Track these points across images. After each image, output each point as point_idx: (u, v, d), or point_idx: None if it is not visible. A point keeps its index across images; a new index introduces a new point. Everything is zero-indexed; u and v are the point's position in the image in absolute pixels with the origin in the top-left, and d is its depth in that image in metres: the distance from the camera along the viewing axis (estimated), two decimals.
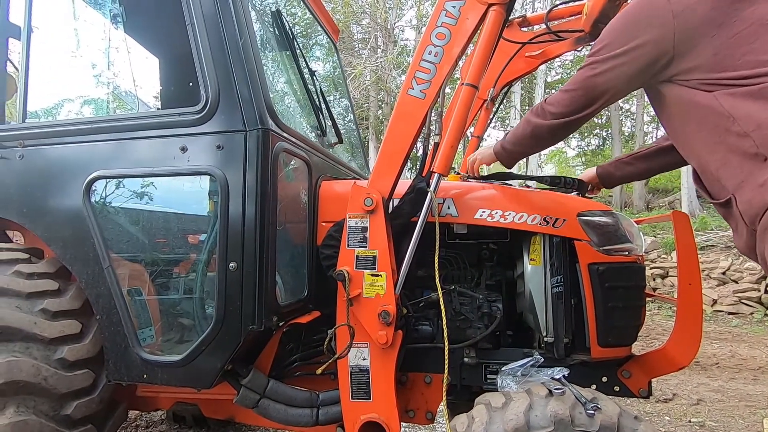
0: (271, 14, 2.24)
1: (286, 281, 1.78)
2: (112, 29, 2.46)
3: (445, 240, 1.87)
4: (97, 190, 1.79)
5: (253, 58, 1.63)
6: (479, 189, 1.77)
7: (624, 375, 1.73)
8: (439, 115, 1.62)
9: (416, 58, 1.57)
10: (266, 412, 1.73)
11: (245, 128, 1.58)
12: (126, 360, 1.71)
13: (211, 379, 1.64)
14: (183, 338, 1.83)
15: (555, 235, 1.65)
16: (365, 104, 14.27)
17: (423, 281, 1.89)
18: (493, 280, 1.88)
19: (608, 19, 2.08)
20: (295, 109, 2.38)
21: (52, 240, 1.78)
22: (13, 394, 1.52)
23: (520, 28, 2.54)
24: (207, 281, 1.76)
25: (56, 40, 2.29)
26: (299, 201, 1.85)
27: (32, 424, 1.52)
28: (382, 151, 1.64)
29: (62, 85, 2.35)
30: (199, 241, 1.86)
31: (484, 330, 1.73)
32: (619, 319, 1.60)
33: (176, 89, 2.90)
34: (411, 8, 14.48)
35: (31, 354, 1.57)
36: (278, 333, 1.80)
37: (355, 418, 1.64)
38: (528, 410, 1.25)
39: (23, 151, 1.83)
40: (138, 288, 1.84)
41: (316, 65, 3.17)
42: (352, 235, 1.61)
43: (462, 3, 1.52)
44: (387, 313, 1.55)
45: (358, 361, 1.64)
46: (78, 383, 1.65)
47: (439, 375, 1.83)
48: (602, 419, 1.22)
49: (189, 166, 1.65)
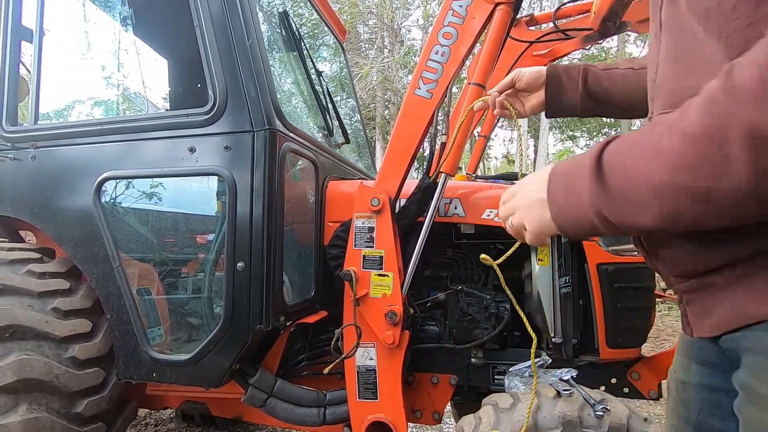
0: (278, 15, 2.25)
1: (294, 281, 1.78)
2: (122, 32, 2.48)
3: (452, 240, 1.86)
4: (107, 191, 1.81)
5: (261, 59, 1.64)
6: (486, 189, 1.76)
7: (633, 377, 1.71)
8: (446, 114, 1.62)
9: (423, 58, 1.57)
10: (274, 411, 1.74)
11: (253, 129, 1.59)
12: (135, 359, 1.73)
13: (219, 378, 1.65)
14: (191, 337, 1.84)
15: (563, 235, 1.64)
16: (372, 104, 14.28)
17: (430, 281, 1.88)
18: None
19: (617, 17, 2.06)
20: (302, 110, 2.39)
21: (64, 240, 1.80)
22: (26, 392, 1.54)
23: (527, 27, 2.53)
24: (215, 281, 1.77)
25: (67, 43, 2.32)
26: (306, 201, 1.86)
27: (44, 422, 1.54)
28: (388, 151, 1.64)
29: (73, 87, 2.38)
30: (207, 241, 1.87)
31: (492, 330, 1.73)
32: (628, 320, 1.58)
33: (184, 90, 2.92)
34: (418, 8, 14.46)
35: (42, 352, 1.59)
36: (285, 333, 1.81)
37: (362, 418, 1.64)
38: (536, 411, 1.24)
39: (35, 152, 1.86)
40: (147, 287, 1.86)
41: (323, 65, 3.18)
42: (359, 235, 1.62)
43: (469, 2, 1.51)
44: (394, 313, 1.55)
45: (365, 361, 1.64)
46: (88, 381, 1.67)
47: (446, 375, 1.82)
48: (611, 421, 1.20)
49: (197, 166, 1.66)
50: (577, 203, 0.60)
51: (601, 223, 0.58)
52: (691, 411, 0.73)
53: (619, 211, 0.56)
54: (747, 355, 0.58)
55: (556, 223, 0.65)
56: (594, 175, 0.57)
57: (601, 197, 0.57)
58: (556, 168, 0.66)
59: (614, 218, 0.57)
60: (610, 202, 0.56)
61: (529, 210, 0.70)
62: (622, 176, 0.55)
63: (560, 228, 0.65)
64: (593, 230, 0.61)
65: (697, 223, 0.52)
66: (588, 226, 0.61)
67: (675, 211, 0.51)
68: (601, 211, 0.57)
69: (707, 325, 0.63)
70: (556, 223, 0.65)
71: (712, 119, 0.47)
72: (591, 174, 0.57)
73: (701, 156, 0.47)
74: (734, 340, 0.60)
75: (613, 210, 0.56)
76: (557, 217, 0.64)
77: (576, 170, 0.61)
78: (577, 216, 0.61)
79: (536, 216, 0.68)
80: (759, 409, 0.56)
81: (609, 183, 0.56)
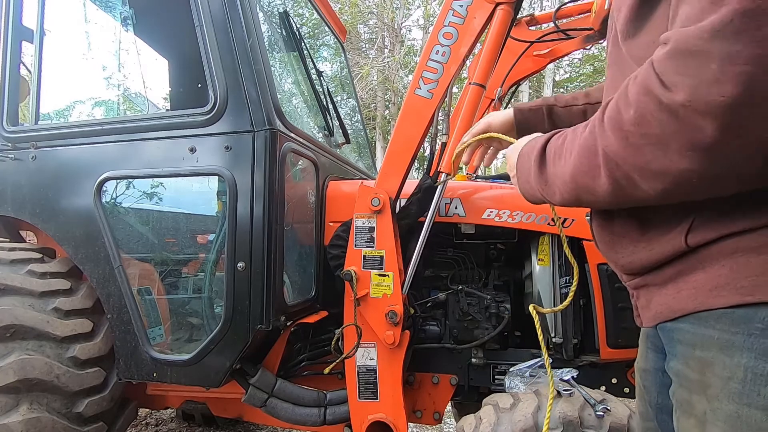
0: (278, 15, 2.25)
1: (294, 281, 1.79)
2: (123, 32, 2.48)
3: (452, 240, 1.86)
4: (108, 191, 1.82)
5: (261, 59, 1.64)
6: (487, 189, 1.76)
7: (634, 377, 1.71)
8: (446, 114, 1.62)
9: (423, 58, 1.57)
10: (274, 411, 1.74)
11: (253, 129, 1.59)
12: (136, 358, 1.73)
13: (219, 378, 1.66)
14: (192, 337, 1.85)
15: None
16: (372, 104, 14.27)
17: (430, 281, 1.88)
18: (501, 281, 1.87)
19: None
20: (303, 110, 2.39)
21: (64, 240, 1.80)
22: (27, 392, 1.54)
23: (528, 27, 2.53)
24: (215, 281, 1.78)
25: (68, 43, 2.32)
26: (307, 201, 1.86)
27: (45, 422, 1.54)
28: (389, 151, 1.64)
29: (74, 88, 2.39)
30: (208, 241, 1.88)
31: (492, 330, 1.73)
32: (628, 320, 1.58)
33: (185, 90, 2.93)
34: (418, 8, 14.46)
35: (43, 352, 1.59)
36: (286, 332, 1.81)
37: (363, 418, 1.64)
38: (536, 411, 1.24)
39: (36, 152, 1.86)
40: (148, 287, 1.86)
41: (324, 66, 3.19)
42: (360, 235, 1.62)
43: (469, 2, 1.51)
44: (394, 313, 1.55)
45: (366, 361, 1.64)
46: (89, 381, 1.67)
47: (447, 375, 1.82)
48: (612, 421, 1.21)
49: (198, 166, 1.67)
50: (528, 181, 0.83)
51: (542, 198, 0.81)
52: (651, 394, 0.85)
53: (547, 193, 0.78)
54: (677, 345, 0.69)
55: (520, 190, 0.88)
56: (537, 163, 0.79)
57: (539, 181, 0.79)
58: (523, 148, 0.86)
59: (546, 197, 0.79)
60: (543, 185, 0.78)
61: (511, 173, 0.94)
62: (552, 167, 0.76)
63: (522, 195, 0.87)
64: (542, 201, 0.83)
65: (593, 206, 0.78)
66: (537, 199, 0.83)
67: (576, 198, 0.71)
68: (540, 191, 0.80)
69: (648, 317, 0.75)
70: (520, 191, 0.87)
71: (591, 137, 0.65)
72: (536, 162, 0.79)
73: (585, 161, 0.66)
74: (667, 330, 0.71)
75: (545, 191, 0.78)
76: (519, 187, 0.87)
77: (529, 156, 0.82)
78: (528, 190, 0.84)
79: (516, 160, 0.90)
80: (687, 392, 0.67)
81: (545, 171, 0.77)
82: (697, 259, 0.64)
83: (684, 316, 0.66)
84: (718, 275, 0.62)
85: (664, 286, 0.70)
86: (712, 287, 0.62)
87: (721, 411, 0.61)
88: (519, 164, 0.86)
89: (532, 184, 0.81)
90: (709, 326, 0.63)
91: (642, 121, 0.57)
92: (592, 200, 0.70)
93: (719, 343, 0.61)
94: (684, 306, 0.66)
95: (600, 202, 0.69)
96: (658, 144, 0.56)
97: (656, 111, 0.55)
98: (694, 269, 0.65)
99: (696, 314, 0.64)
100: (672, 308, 0.68)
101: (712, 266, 0.63)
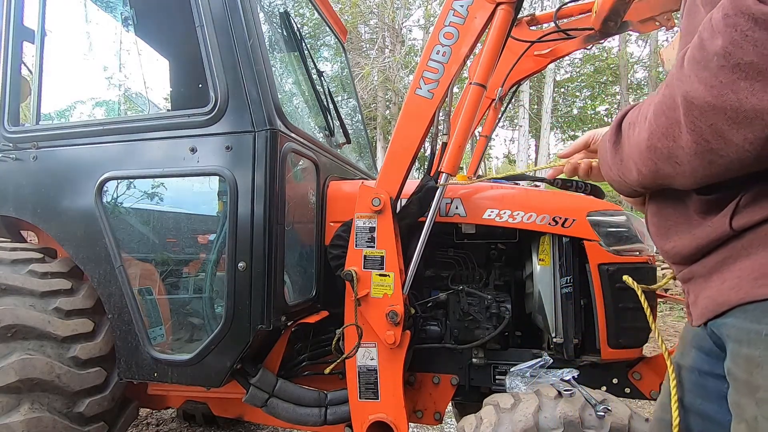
0: (279, 15, 2.25)
1: (295, 281, 1.79)
2: (123, 32, 2.49)
3: (453, 240, 1.86)
4: (109, 191, 1.82)
5: (262, 60, 1.64)
6: (487, 189, 1.76)
7: (635, 377, 1.71)
8: (447, 114, 1.62)
9: (424, 58, 1.57)
10: (275, 411, 1.74)
11: (254, 129, 1.59)
12: (137, 358, 1.73)
13: (220, 378, 1.66)
14: (193, 337, 1.85)
15: (564, 235, 1.64)
16: (373, 104, 14.27)
17: (431, 281, 1.88)
18: (502, 281, 1.87)
19: (618, 16, 2.06)
20: (303, 110, 2.39)
21: (65, 240, 1.80)
22: (28, 392, 1.54)
23: (528, 27, 2.52)
24: (216, 281, 1.78)
25: (69, 44, 2.32)
26: (307, 201, 1.86)
27: (46, 421, 1.55)
28: (389, 151, 1.64)
29: (75, 88, 2.39)
30: (209, 241, 1.88)
31: (493, 330, 1.72)
32: (629, 320, 1.58)
33: (186, 91, 2.93)
34: (419, 8, 14.45)
35: (44, 352, 1.59)
36: (287, 332, 1.81)
37: (363, 418, 1.64)
38: (537, 411, 1.24)
39: (37, 153, 1.86)
40: (149, 287, 1.86)
41: (324, 66, 3.19)
42: (360, 235, 1.62)
43: (470, 2, 1.51)
44: (395, 313, 1.55)
45: (366, 361, 1.64)
46: (90, 381, 1.67)
47: (448, 375, 1.82)
48: (612, 421, 1.20)
49: (198, 166, 1.67)
50: (607, 164, 0.73)
51: (620, 180, 0.70)
52: (683, 391, 0.78)
53: (623, 172, 0.68)
54: (729, 343, 0.61)
55: (608, 182, 0.77)
56: (612, 141, 0.70)
57: (615, 160, 0.69)
58: (606, 134, 0.75)
59: (624, 178, 0.68)
60: (619, 164, 0.68)
61: None
62: (627, 141, 0.66)
63: (611, 186, 0.77)
64: (627, 188, 0.71)
65: (673, 182, 0.61)
66: (619, 184, 0.72)
67: (655, 171, 0.61)
68: (618, 172, 0.69)
69: (696, 314, 0.67)
70: (608, 182, 0.77)
71: (668, 90, 0.56)
72: (611, 140, 0.70)
73: (663, 120, 0.56)
74: (717, 327, 0.64)
75: (622, 171, 0.68)
76: (605, 177, 0.77)
77: (606, 137, 0.73)
78: (610, 175, 0.74)
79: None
80: (737, 394, 0.59)
81: (620, 148, 0.68)
82: (742, 245, 0.57)
83: (730, 309, 0.58)
84: (763, 262, 0.54)
85: (710, 277, 0.61)
86: (758, 275, 0.54)
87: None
88: (600, 151, 0.76)
89: (610, 166, 0.71)
90: (755, 320, 0.55)
91: (733, 49, 0.46)
92: (671, 173, 0.58)
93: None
94: (728, 298, 0.58)
95: (681, 174, 0.57)
96: (755, 74, 0.45)
97: (751, 31, 0.44)
98: (739, 256, 0.57)
99: (742, 307, 0.56)
100: (717, 302, 0.60)
101: (758, 252, 0.55)
